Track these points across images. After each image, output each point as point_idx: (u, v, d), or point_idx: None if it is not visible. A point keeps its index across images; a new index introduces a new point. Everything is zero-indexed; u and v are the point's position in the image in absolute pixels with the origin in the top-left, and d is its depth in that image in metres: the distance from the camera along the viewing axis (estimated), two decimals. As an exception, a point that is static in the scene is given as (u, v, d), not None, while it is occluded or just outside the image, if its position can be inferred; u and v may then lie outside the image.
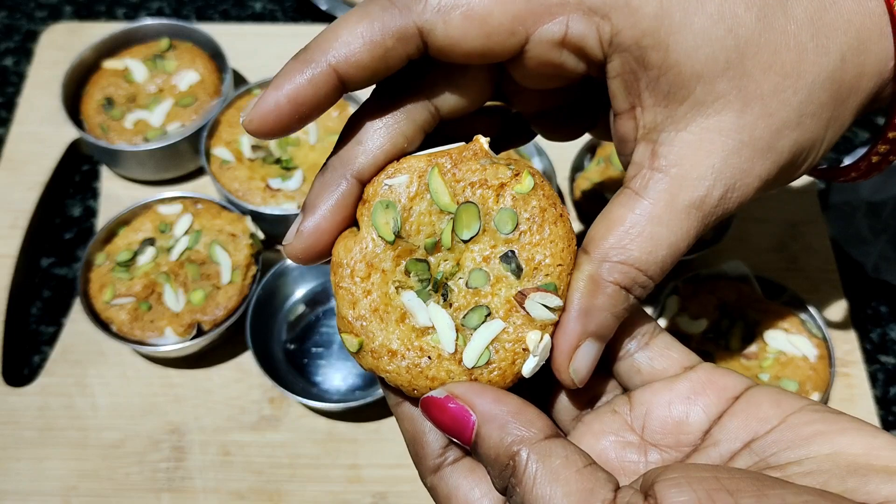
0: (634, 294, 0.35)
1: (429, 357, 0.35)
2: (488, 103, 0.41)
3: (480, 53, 0.34)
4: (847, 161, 0.44)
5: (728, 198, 0.35)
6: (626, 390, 0.39)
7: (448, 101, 0.37)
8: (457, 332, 0.35)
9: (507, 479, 0.32)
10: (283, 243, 0.36)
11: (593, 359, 0.36)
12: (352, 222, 0.36)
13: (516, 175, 0.35)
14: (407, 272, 0.36)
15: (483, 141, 0.36)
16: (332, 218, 0.36)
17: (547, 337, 0.35)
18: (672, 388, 0.36)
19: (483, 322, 0.35)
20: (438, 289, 0.36)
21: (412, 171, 0.35)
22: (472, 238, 0.36)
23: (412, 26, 0.33)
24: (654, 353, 0.38)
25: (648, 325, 0.38)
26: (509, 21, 0.34)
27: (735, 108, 0.34)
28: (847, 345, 0.73)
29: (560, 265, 0.35)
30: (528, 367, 0.35)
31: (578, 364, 0.35)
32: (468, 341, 0.35)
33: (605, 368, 0.39)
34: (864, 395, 0.71)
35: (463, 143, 0.36)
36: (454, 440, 0.34)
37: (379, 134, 0.36)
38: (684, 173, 0.35)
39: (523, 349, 0.35)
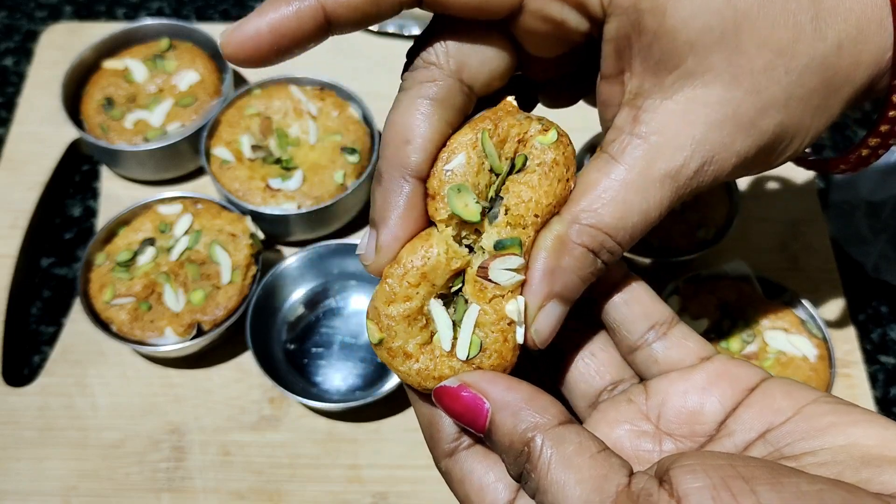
0: (602, 258, 0.36)
1: (435, 358, 0.35)
2: None
3: (476, 6, 0.34)
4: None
5: (704, 171, 0.35)
6: (642, 379, 0.39)
7: (478, 78, 0.36)
8: (454, 328, 0.36)
9: (521, 466, 0.32)
10: (363, 262, 0.36)
11: (557, 320, 0.36)
12: (427, 223, 0.36)
13: (545, 130, 0.36)
14: (451, 287, 0.36)
15: (511, 99, 0.37)
16: (405, 224, 0.36)
17: (522, 298, 0.35)
18: (688, 379, 0.36)
19: (464, 311, 0.35)
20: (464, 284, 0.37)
21: (463, 147, 0.35)
22: None
23: None
24: (671, 342, 0.38)
25: (667, 315, 0.38)
26: None
27: (724, 81, 0.34)
28: (847, 345, 0.73)
29: (536, 216, 0.35)
30: (521, 336, 0.35)
31: (541, 325, 0.35)
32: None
33: (621, 354, 0.40)
34: (865, 395, 0.71)
35: (493, 108, 0.37)
36: (467, 429, 0.34)
37: (423, 128, 0.35)
38: (664, 142, 0.35)
39: (508, 323, 0.35)
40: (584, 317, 0.39)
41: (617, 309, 0.38)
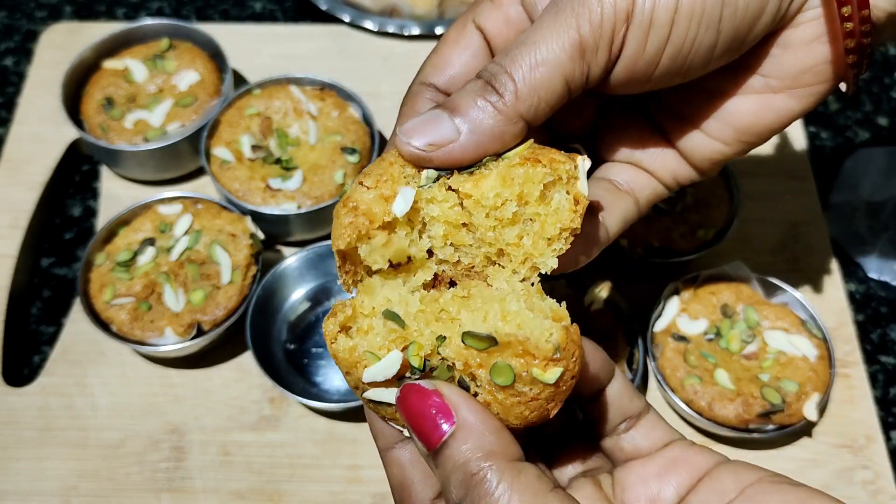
0: (483, 77, 0.39)
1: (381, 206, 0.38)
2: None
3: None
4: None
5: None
6: (613, 463, 0.42)
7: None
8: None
9: (467, 489, 0.32)
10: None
11: (432, 126, 0.39)
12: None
13: (555, 362, 0.35)
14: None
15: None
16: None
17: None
18: (646, 466, 0.39)
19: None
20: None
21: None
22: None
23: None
24: (639, 433, 0.41)
25: (640, 407, 0.41)
26: None
27: None
28: (847, 345, 0.73)
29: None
30: None
31: (410, 122, 0.39)
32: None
33: (594, 441, 0.42)
34: (865, 395, 0.71)
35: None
36: (415, 436, 0.34)
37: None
38: None
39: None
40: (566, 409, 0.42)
41: (598, 409, 0.41)
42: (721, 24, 0.39)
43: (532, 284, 0.39)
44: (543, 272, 0.39)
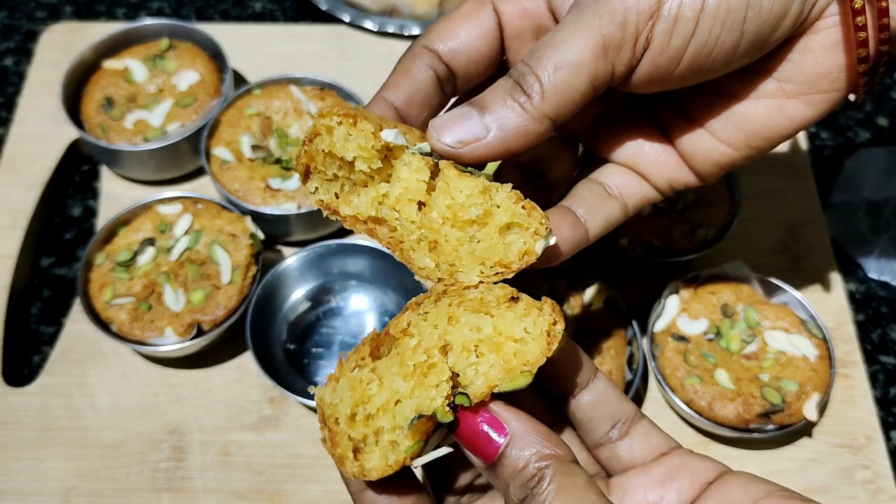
0: (513, 77, 0.41)
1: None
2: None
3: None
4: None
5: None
6: (608, 474, 0.42)
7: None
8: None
9: (528, 490, 0.34)
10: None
11: (462, 123, 0.40)
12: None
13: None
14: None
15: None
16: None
17: None
18: (647, 473, 0.39)
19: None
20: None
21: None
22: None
23: None
24: (634, 440, 0.41)
25: (630, 411, 0.41)
26: None
27: None
28: (847, 345, 0.73)
29: None
30: None
31: (441, 121, 0.41)
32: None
33: (589, 451, 0.42)
34: (865, 395, 0.71)
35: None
36: (471, 455, 0.36)
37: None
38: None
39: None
40: (554, 414, 0.42)
41: (582, 409, 0.41)
42: (745, 25, 0.39)
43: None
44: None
